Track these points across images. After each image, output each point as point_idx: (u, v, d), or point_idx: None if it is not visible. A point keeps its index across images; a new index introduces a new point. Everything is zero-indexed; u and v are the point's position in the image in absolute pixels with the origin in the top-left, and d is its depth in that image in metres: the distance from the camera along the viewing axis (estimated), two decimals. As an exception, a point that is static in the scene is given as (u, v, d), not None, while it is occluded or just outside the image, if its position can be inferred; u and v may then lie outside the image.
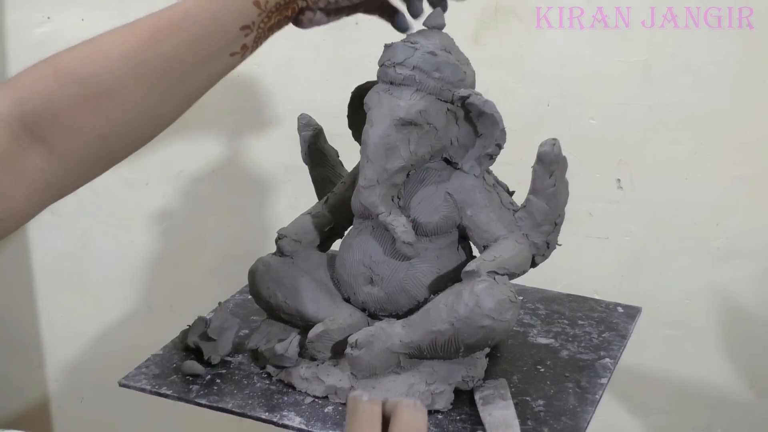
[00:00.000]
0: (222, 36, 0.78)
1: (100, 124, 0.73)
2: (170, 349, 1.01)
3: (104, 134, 0.74)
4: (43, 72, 0.73)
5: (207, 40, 0.77)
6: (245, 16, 0.79)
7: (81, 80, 0.73)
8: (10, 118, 0.71)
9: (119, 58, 0.74)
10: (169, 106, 0.78)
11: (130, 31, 0.76)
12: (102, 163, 0.77)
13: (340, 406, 0.90)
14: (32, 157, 0.72)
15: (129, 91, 0.74)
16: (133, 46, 0.75)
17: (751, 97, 1.27)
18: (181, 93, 0.78)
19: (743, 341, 1.39)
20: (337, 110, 1.01)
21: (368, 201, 0.89)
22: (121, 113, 0.74)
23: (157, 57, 0.75)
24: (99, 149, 0.75)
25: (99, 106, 0.73)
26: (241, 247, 1.59)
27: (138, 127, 0.77)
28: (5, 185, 0.70)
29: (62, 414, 1.88)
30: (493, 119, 0.88)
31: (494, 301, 0.83)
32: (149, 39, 0.75)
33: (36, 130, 0.71)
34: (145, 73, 0.74)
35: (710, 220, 1.34)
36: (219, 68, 0.80)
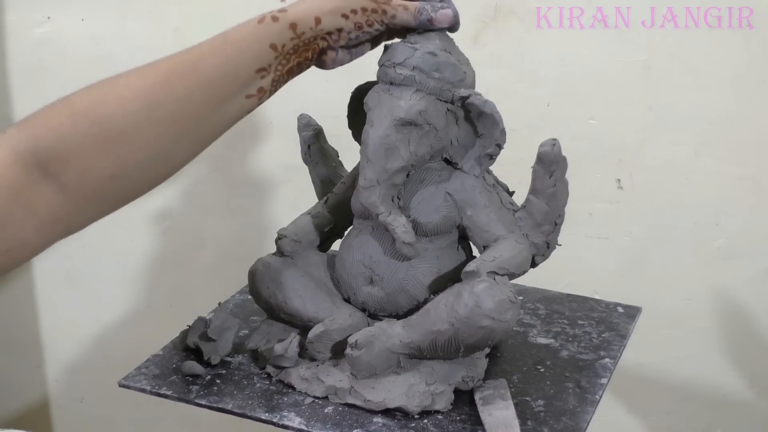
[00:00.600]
0: (237, 79, 0.78)
1: (112, 165, 0.74)
2: (170, 349, 1.01)
3: (116, 175, 0.74)
4: (58, 110, 0.74)
5: (221, 83, 0.77)
6: (261, 59, 0.79)
7: (95, 121, 0.73)
8: (25, 153, 0.71)
9: (133, 99, 0.74)
10: (182, 149, 0.78)
11: (145, 72, 0.76)
12: (113, 203, 0.77)
13: (340, 407, 0.90)
14: (44, 192, 0.72)
15: (142, 133, 0.74)
16: (147, 87, 0.75)
17: (751, 97, 1.27)
18: (195, 135, 0.78)
19: (743, 341, 1.39)
20: (337, 110, 1.01)
21: (368, 201, 0.89)
22: (133, 155, 0.75)
23: (170, 99, 0.75)
24: (111, 189, 0.75)
25: (112, 147, 0.73)
26: (241, 247, 1.59)
27: (151, 169, 0.77)
28: (16, 217, 0.71)
29: (62, 414, 1.88)
30: (493, 119, 0.88)
31: (494, 302, 0.82)
32: (163, 81, 0.75)
33: (49, 167, 0.72)
34: (158, 115, 0.75)
35: (710, 220, 1.34)
36: (234, 111, 0.80)
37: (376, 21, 0.84)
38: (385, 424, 0.87)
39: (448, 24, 0.88)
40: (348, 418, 0.88)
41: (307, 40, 0.81)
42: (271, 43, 0.79)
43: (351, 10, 0.82)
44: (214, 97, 0.77)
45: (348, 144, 1.00)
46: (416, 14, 0.87)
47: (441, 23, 0.87)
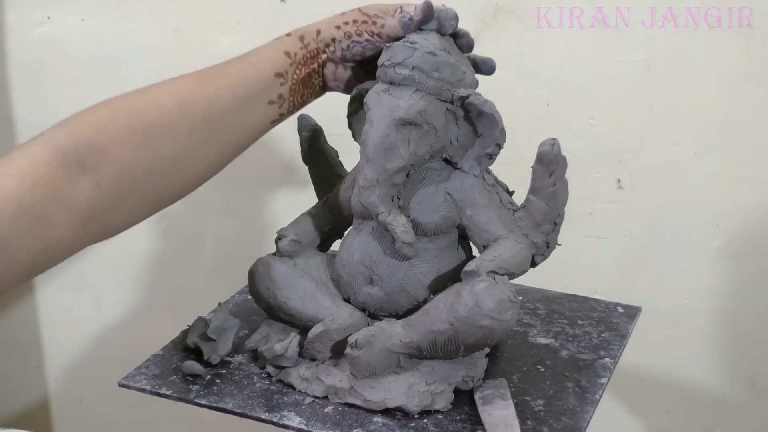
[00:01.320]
0: (258, 81, 0.88)
1: (147, 157, 0.80)
2: (170, 349, 1.01)
3: (151, 169, 0.81)
4: (97, 108, 0.81)
5: (246, 84, 0.87)
6: (278, 65, 0.89)
7: (132, 113, 0.80)
8: (64, 150, 0.76)
9: (167, 96, 0.83)
10: (211, 149, 0.86)
11: (179, 78, 0.86)
12: (147, 202, 0.84)
13: (340, 407, 0.90)
14: (82, 188, 0.77)
15: (176, 127, 0.82)
16: (179, 87, 0.84)
17: (751, 97, 1.27)
18: (223, 136, 0.87)
19: (743, 341, 1.39)
20: (337, 110, 1.01)
21: (368, 201, 0.89)
22: (167, 149, 0.82)
23: (201, 97, 0.84)
24: (145, 185, 0.82)
25: (148, 139, 0.80)
26: (241, 247, 1.59)
27: (182, 168, 0.84)
28: (53, 214, 0.75)
29: (62, 414, 1.88)
30: (492, 119, 0.88)
31: (494, 301, 0.82)
32: (194, 82, 0.85)
33: (87, 162, 0.77)
34: (190, 111, 0.83)
35: (710, 220, 1.34)
36: (257, 116, 0.89)
37: (365, 31, 0.91)
38: (385, 424, 0.87)
39: (423, 13, 0.89)
40: (348, 418, 0.88)
41: (312, 51, 0.92)
42: (285, 51, 0.90)
43: (344, 22, 0.92)
44: (240, 96, 0.86)
45: (348, 144, 1.00)
46: (400, 19, 0.91)
47: (418, 16, 0.90)
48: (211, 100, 0.84)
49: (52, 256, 0.78)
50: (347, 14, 0.93)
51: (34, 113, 1.60)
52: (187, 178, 0.86)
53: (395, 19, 0.91)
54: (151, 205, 0.85)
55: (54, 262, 0.79)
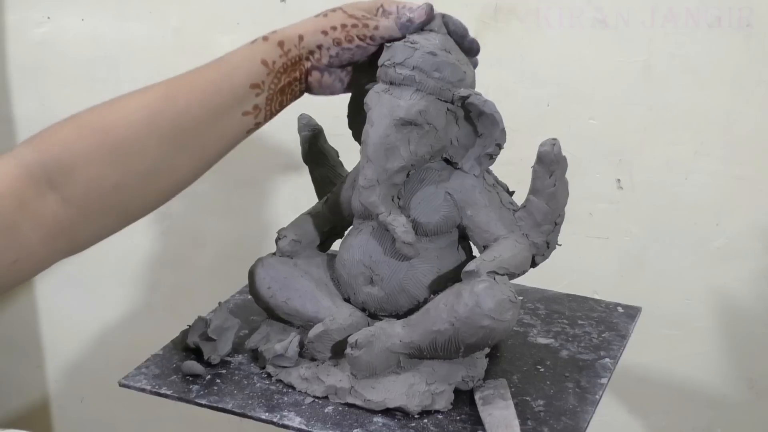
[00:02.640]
0: (232, 93, 0.83)
1: (115, 173, 0.77)
2: (170, 349, 1.01)
3: (119, 184, 0.78)
4: (64, 124, 0.78)
5: (218, 97, 0.82)
6: (254, 75, 0.84)
7: (98, 130, 0.77)
8: (32, 166, 0.75)
9: (135, 110, 0.79)
10: (183, 162, 0.82)
11: (148, 88, 0.81)
12: (117, 216, 0.81)
13: (340, 407, 0.90)
14: (50, 203, 0.75)
15: (144, 141, 0.78)
16: (148, 99, 0.80)
17: (751, 97, 1.27)
18: (195, 148, 0.83)
19: (743, 341, 1.39)
20: (337, 110, 1.01)
21: (368, 201, 0.89)
22: (136, 164, 0.78)
23: (171, 110, 0.80)
24: (114, 201, 0.79)
25: (115, 155, 0.77)
26: (241, 247, 1.59)
27: (153, 181, 0.81)
28: (23, 227, 0.74)
29: (62, 414, 1.88)
30: (493, 119, 0.88)
31: (494, 301, 0.82)
32: (164, 93, 0.80)
33: (55, 178, 0.75)
34: (159, 124, 0.79)
35: (710, 220, 1.34)
36: (231, 128, 0.85)
37: (357, 36, 0.88)
38: (385, 424, 0.87)
39: (426, 15, 0.88)
40: (348, 418, 0.88)
41: (294, 58, 0.86)
42: (262, 59, 0.84)
43: (331, 27, 0.87)
44: (212, 110, 0.82)
45: (348, 144, 1.00)
46: (396, 20, 0.89)
47: (420, 18, 0.88)
48: (181, 114, 0.80)
49: (23, 269, 0.76)
50: (331, 17, 0.88)
51: (34, 113, 1.60)
52: (158, 192, 0.83)
53: (390, 20, 0.89)
54: (121, 219, 0.82)
55: (24, 277, 0.78)
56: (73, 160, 0.76)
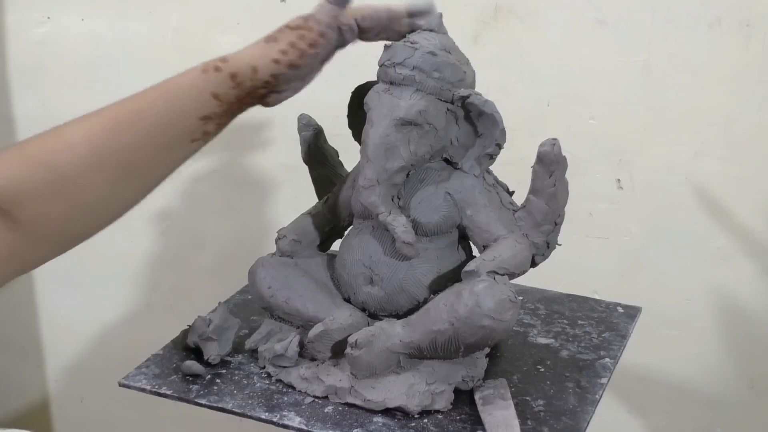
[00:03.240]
0: (182, 126, 0.80)
1: (63, 207, 0.76)
2: (170, 348, 1.01)
3: (68, 217, 0.77)
4: (11, 155, 0.76)
5: (167, 130, 0.80)
6: (204, 108, 0.81)
7: (46, 167, 0.76)
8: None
9: (82, 146, 0.77)
10: (131, 191, 0.81)
11: (95, 120, 0.78)
12: (66, 242, 0.80)
13: (340, 406, 0.90)
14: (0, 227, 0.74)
15: (92, 178, 0.77)
16: (96, 135, 0.77)
17: (751, 97, 1.27)
18: (144, 178, 0.81)
19: (743, 341, 1.39)
20: (337, 110, 1.01)
21: (368, 201, 0.89)
22: (84, 198, 0.77)
23: (118, 145, 0.78)
24: (62, 229, 0.78)
25: (63, 191, 0.76)
26: (241, 247, 1.59)
27: (101, 211, 0.80)
28: None
29: (62, 414, 1.88)
30: (493, 119, 0.88)
31: (494, 301, 0.82)
32: (111, 129, 0.78)
33: (2, 206, 0.74)
34: (107, 161, 0.77)
35: (710, 220, 1.34)
36: (181, 155, 0.83)
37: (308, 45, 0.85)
38: (385, 424, 0.87)
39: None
40: (348, 418, 0.88)
41: (247, 90, 0.83)
42: (212, 92, 0.81)
43: (281, 51, 0.83)
44: (161, 142, 0.80)
45: (348, 144, 1.00)
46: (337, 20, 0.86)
47: None
48: (128, 148, 0.78)
49: None
50: (279, 39, 0.85)
51: (34, 113, 1.60)
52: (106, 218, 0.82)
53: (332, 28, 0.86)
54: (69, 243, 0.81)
55: None
56: (21, 193, 0.75)
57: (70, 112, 0.81)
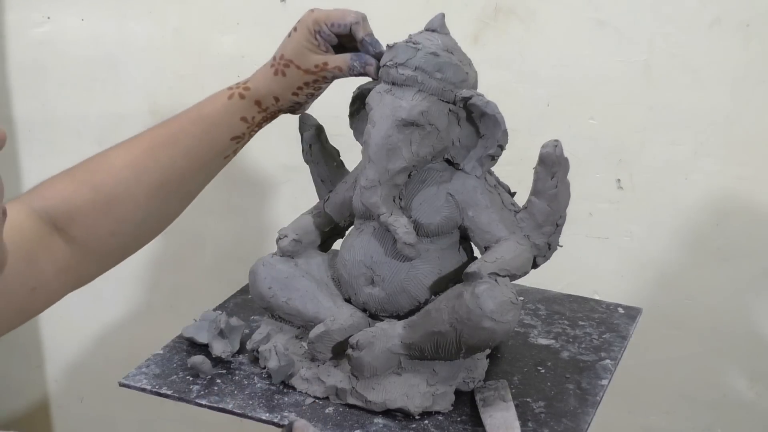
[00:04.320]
0: (214, 147, 0.90)
1: (110, 224, 0.85)
2: (171, 348, 1.01)
3: (115, 232, 0.86)
4: (61, 179, 0.86)
5: (201, 151, 0.89)
6: (235, 130, 0.91)
7: (92, 187, 0.85)
8: (38, 210, 0.83)
9: (123, 168, 0.86)
10: (172, 206, 0.91)
11: (134, 144, 0.88)
12: (117, 256, 0.90)
13: (341, 407, 0.90)
14: (57, 242, 0.83)
15: (134, 196, 0.86)
16: (135, 157, 0.87)
17: (751, 97, 1.27)
18: (182, 194, 0.91)
19: (743, 341, 1.39)
20: (338, 110, 1.01)
21: (369, 201, 0.89)
22: (129, 215, 0.86)
23: (156, 166, 0.87)
24: (112, 245, 0.87)
25: (108, 209, 0.85)
26: (241, 247, 1.59)
27: (146, 226, 0.89)
28: (39, 257, 0.82)
29: (62, 414, 1.88)
30: (495, 120, 0.88)
31: (495, 303, 0.82)
32: (149, 151, 0.87)
33: (58, 224, 0.83)
34: (147, 180, 0.87)
35: (710, 220, 1.34)
36: (215, 170, 0.93)
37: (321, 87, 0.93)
38: (386, 425, 0.87)
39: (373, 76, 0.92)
40: (349, 419, 0.88)
41: (272, 113, 0.93)
42: (241, 117, 0.91)
43: (297, 87, 0.91)
44: (196, 162, 0.89)
45: (349, 144, 1.00)
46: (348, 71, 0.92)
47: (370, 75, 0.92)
48: (165, 168, 0.87)
49: (39, 299, 0.84)
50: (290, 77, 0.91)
51: (34, 113, 1.60)
52: (152, 231, 0.91)
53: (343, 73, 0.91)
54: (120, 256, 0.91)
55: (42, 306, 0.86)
56: (72, 212, 0.83)
57: (70, 112, 0.82)
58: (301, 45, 0.90)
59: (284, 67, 0.91)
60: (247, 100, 0.90)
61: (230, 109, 0.89)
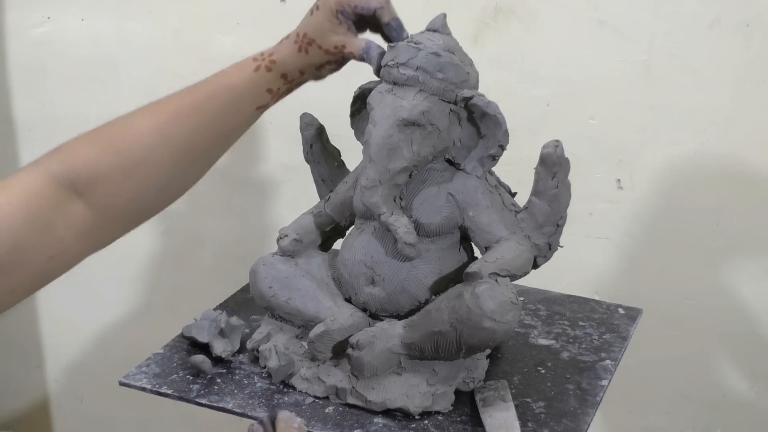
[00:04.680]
0: (240, 115, 0.90)
1: (133, 189, 0.85)
2: (171, 347, 1.01)
3: (138, 197, 0.86)
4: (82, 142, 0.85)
5: (226, 119, 0.89)
6: (260, 100, 0.90)
7: (116, 151, 0.84)
8: (58, 176, 0.81)
9: (150, 134, 0.85)
10: (195, 171, 0.91)
11: (159, 109, 0.88)
12: (137, 220, 0.89)
13: (341, 407, 0.90)
14: (77, 207, 0.82)
15: (159, 161, 0.85)
16: (161, 123, 0.86)
17: (751, 96, 1.27)
18: (205, 160, 0.91)
19: (743, 341, 1.39)
20: (338, 110, 1.01)
21: (370, 201, 0.89)
22: (152, 179, 0.86)
23: (183, 133, 0.86)
24: (133, 209, 0.86)
25: (133, 174, 0.84)
26: (241, 247, 1.59)
27: (168, 190, 0.89)
28: (58, 226, 0.80)
29: (62, 414, 1.88)
30: (496, 120, 0.88)
31: (495, 303, 0.82)
32: (175, 118, 0.87)
33: (78, 188, 0.82)
34: (172, 146, 0.86)
35: (710, 220, 1.34)
36: (237, 136, 0.93)
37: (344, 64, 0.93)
38: (386, 425, 0.87)
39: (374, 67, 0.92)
40: (348, 419, 0.88)
41: (297, 83, 0.93)
42: (267, 88, 0.90)
43: (320, 65, 0.91)
44: (221, 129, 0.89)
45: (349, 144, 1.00)
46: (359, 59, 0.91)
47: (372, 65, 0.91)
48: (191, 135, 0.87)
49: (59, 264, 0.83)
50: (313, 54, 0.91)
51: (34, 113, 1.60)
52: (173, 196, 0.91)
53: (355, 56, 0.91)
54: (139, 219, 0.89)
55: (60, 271, 0.84)
56: (94, 176, 0.82)
57: (70, 112, 0.82)
58: (323, 25, 0.90)
59: (307, 45, 0.91)
60: (274, 73, 0.90)
61: (257, 81, 0.90)
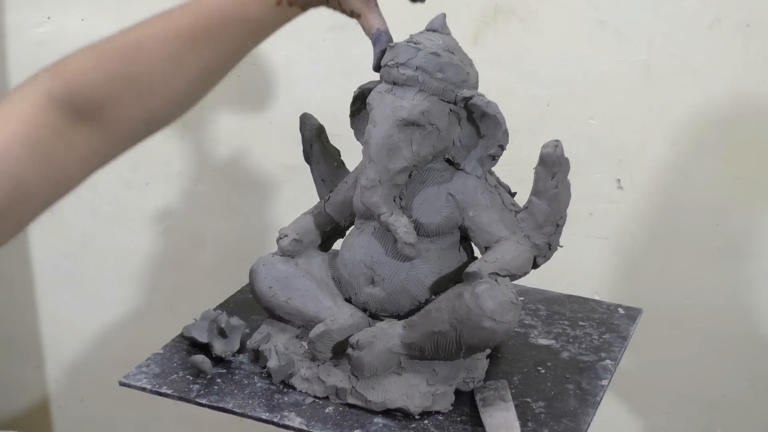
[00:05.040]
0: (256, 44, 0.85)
1: (144, 113, 0.81)
2: (171, 347, 1.01)
3: (147, 120, 0.82)
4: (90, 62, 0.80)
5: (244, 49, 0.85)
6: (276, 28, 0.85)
7: (129, 78, 0.80)
8: (60, 99, 0.77)
9: (163, 61, 0.81)
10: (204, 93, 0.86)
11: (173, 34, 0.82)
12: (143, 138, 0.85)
13: (341, 407, 0.90)
14: (81, 131, 0.78)
15: (172, 88, 0.82)
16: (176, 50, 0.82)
17: (751, 97, 1.27)
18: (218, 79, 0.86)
19: (743, 341, 1.39)
20: (338, 110, 1.01)
21: (370, 201, 0.89)
22: (164, 105, 0.82)
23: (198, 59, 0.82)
24: (141, 130, 0.83)
25: (144, 99, 0.81)
26: (241, 247, 1.59)
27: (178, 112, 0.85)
28: (60, 153, 0.77)
29: (62, 414, 1.88)
30: (495, 120, 0.88)
31: (495, 303, 0.82)
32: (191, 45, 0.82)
33: (83, 112, 0.78)
34: (187, 72, 0.82)
35: (710, 220, 1.34)
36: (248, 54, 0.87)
37: None
38: (386, 425, 0.87)
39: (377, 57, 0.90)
40: (348, 419, 0.88)
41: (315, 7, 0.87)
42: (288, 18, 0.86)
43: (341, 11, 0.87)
44: (237, 57, 0.85)
45: (349, 144, 1.00)
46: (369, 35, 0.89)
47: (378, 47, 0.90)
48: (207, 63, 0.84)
49: (64, 190, 0.80)
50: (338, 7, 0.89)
51: (34, 113, 1.60)
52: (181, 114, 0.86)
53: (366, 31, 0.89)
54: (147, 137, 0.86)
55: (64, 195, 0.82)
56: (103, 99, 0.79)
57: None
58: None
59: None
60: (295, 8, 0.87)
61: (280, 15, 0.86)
